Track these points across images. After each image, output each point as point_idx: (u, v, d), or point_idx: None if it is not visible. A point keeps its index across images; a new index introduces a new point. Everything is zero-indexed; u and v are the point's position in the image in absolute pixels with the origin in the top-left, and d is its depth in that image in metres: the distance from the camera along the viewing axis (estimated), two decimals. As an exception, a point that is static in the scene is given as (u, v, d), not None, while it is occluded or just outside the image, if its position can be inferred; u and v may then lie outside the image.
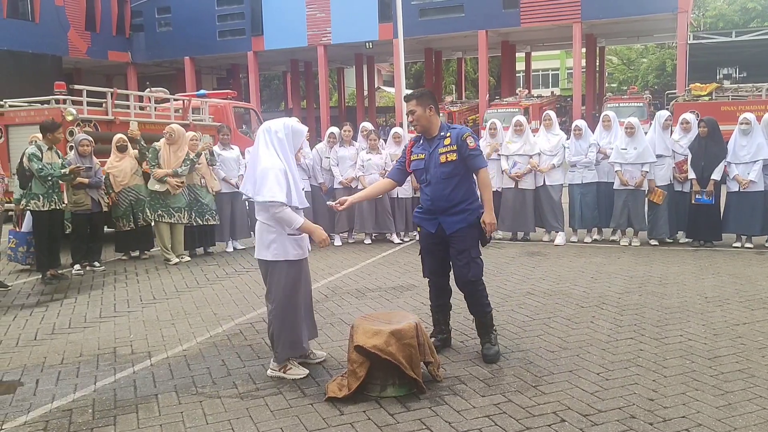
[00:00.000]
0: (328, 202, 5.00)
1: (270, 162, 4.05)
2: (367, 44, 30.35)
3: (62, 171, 7.21)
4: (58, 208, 7.41)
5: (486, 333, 4.55)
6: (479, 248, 4.50)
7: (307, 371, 4.26)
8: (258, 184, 4.05)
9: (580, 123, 8.91)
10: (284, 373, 4.24)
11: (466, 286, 4.49)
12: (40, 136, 7.49)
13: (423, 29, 28.73)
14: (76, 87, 9.87)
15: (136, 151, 8.50)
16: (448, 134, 4.37)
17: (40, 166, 7.07)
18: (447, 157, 4.32)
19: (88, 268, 7.90)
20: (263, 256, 4.19)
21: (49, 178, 7.14)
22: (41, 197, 7.20)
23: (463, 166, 4.35)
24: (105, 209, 8.09)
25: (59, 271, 7.56)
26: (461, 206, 4.39)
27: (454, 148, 4.33)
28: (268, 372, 4.31)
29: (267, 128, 4.17)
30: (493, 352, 4.46)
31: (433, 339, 4.53)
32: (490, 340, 4.52)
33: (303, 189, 4.34)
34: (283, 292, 4.19)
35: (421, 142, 4.50)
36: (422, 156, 4.45)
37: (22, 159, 7.59)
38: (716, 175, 8.06)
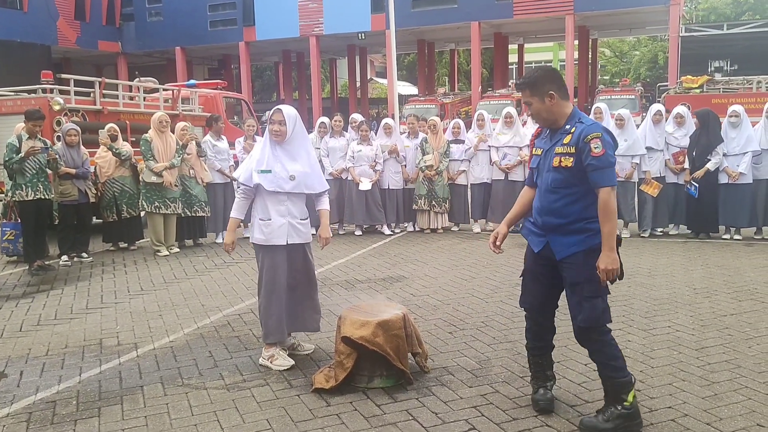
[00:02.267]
0: None
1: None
2: (359, 35, 30.23)
3: (19, 156, 7.02)
4: (44, 197, 7.32)
5: (607, 401, 3.30)
6: (599, 285, 3.23)
7: (292, 363, 4.23)
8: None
9: (571, 114, 8.89)
10: (270, 363, 4.22)
11: (578, 333, 3.37)
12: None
13: (416, 20, 28.65)
14: (64, 76, 9.76)
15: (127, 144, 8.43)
16: (572, 130, 3.21)
17: (8, 157, 6.99)
18: (561, 161, 3.23)
19: (75, 258, 7.84)
20: None
21: (11, 166, 7.00)
22: (25, 187, 7.12)
23: (583, 176, 3.19)
24: (93, 200, 8.02)
25: (46, 262, 7.50)
26: (578, 225, 3.26)
27: (572, 150, 3.18)
28: (260, 360, 4.30)
29: None
30: (594, 426, 3.26)
31: (534, 394, 3.57)
32: (604, 413, 3.26)
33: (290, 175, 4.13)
34: (259, 274, 4.31)
35: (547, 132, 3.41)
36: (539, 152, 3.43)
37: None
38: (711, 165, 8.06)
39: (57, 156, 7.41)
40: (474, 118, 9.43)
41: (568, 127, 3.25)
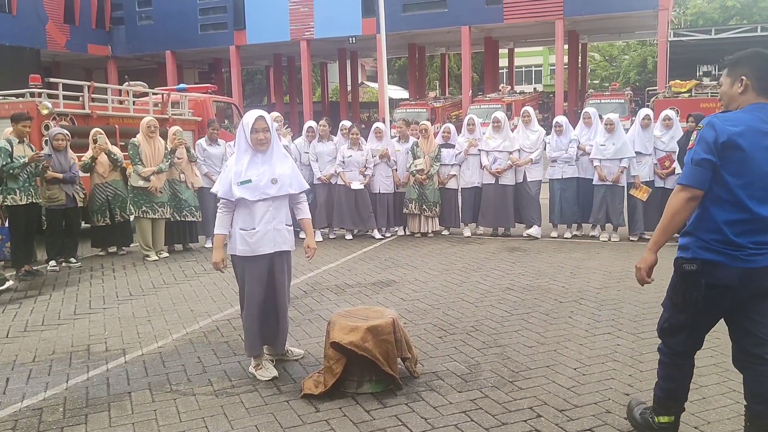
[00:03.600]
0: None
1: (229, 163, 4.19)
2: (350, 39, 30.27)
3: (22, 161, 7.02)
4: (35, 201, 7.28)
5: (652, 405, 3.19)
6: (669, 301, 3.03)
7: (275, 374, 4.14)
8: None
9: (561, 119, 8.94)
10: (255, 371, 4.20)
11: None
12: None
13: (406, 24, 28.72)
14: (52, 80, 9.70)
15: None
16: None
17: (3, 162, 6.95)
18: None
19: (63, 264, 7.79)
20: None
21: (11, 171, 6.98)
22: (17, 191, 7.08)
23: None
24: (81, 204, 7.96)
25: (34, 267, 7.44)
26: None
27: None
28: (249, 367, 4.27)
29: None
30: (631, 409, 3.33)
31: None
32: (645, 410, 3.24)
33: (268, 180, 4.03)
34: (240, 287, 4.22)
35: None
36: None
37: None
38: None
39: (50, 164, 7.37)
40: (464, 122, 9.44)
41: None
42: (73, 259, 7.89)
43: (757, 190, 2.68)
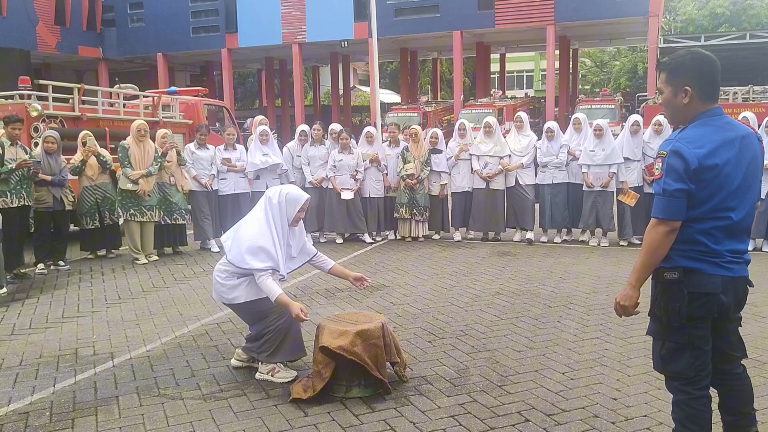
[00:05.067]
0: None
1: (252, 231, 4.08)
2: (342, 43, 30.28)
3: (10, 166, 6.96)
4: (27, 204, 7.25)
5: None
6: (652, 324, 2.84)
7: (295, 373, 4.17)
8: (236, 246, 4.11)
9: (552, 125, 8.97)
10: (272, 376, 4.17)
11: None
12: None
13: (398, 29, 28.77)
14: (42, 82, 9.65)
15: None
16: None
17: None
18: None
19: (52, 267, 7.74)
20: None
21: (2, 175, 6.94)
22: (8, 194, 7.03)
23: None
24: (69, 207, 7.92)
25: (22, 270, 7.39)
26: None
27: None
28: (257, 375, 4.23)
29: (267, 193, 4.21)
30: None
31: None
32: None
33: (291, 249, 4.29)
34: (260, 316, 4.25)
35: None
36: None
37: None
38: None
39: (39, 170, 7.34)
40: (456, 127, 9.47)
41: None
42: (61, 262, 7.85)
43: (732, 200, 2.64)
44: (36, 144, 7.96)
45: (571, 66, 36.23)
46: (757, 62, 28.10)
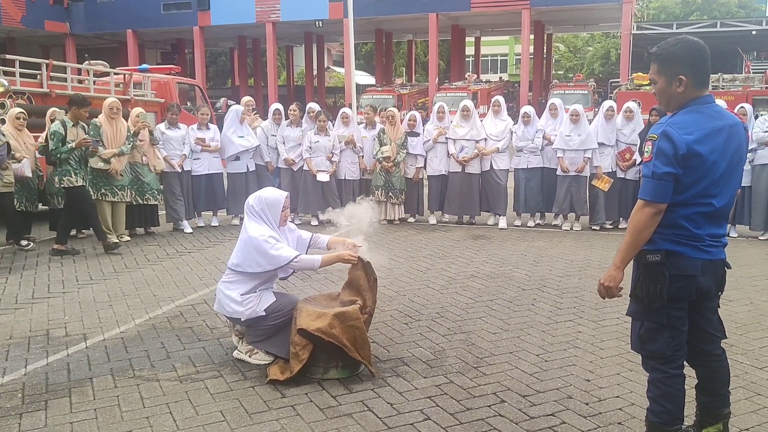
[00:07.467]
0: None
1: (257, 231, 3.98)
2: (316, 23, 29.99)
3: (70, 146, 7.09)
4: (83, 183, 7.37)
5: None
6: (632, 304, 2.94)
7: (272, 358, 4.12)
8: (247, 257, 4.00)
9: (529, 109, 9.00)
10: (249, 357, 4.15)
11: None
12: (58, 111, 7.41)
13: (374, 10, 28.56)
14: (8, 57, 9.37)
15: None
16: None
17: (54, 146, 7.05)
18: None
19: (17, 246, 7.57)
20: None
21: (59, 156, 7.07)
22: (73, 173, 7.15)
23: None
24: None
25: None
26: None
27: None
28: (234, 353, 4.21)
29: (246, 204, 4.14)
30: None
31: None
32: None
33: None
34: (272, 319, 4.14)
35: None
36: None
37: None
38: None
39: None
40: (434, 110, 9.44)
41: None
42: (23, 242, 7.65)
43: (715, 187, 2.71)
44: (2, 120, 7.73)
45: (545, 51, 36.44)
46: (726, 50, 28.57)
